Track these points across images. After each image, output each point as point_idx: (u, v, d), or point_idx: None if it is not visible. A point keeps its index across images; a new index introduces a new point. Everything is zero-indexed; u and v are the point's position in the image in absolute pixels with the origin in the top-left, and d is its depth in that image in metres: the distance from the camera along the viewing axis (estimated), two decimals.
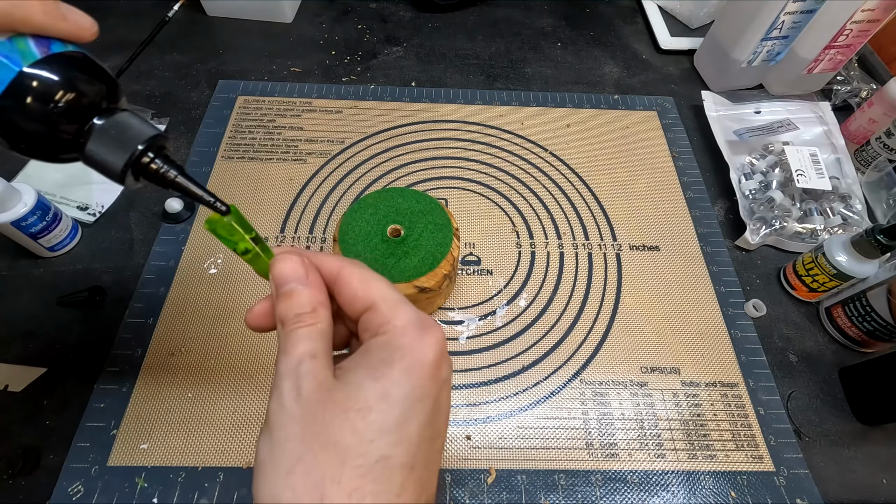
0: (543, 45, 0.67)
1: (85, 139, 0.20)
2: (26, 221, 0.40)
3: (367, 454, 0.17)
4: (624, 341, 0.43)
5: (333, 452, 0.17)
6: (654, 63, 0.66)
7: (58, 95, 0.20)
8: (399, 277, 0.36)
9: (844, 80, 0.62)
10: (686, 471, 0.37)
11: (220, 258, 0.45)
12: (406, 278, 0.36)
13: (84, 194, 0.48)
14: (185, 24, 0.65)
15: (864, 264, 0.41)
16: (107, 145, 0.20)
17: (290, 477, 0.17)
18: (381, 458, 0.18)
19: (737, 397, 0.41)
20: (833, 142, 0.55)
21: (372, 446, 0.17)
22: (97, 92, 0.21)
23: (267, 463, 0.18)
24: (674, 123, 0.59)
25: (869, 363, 0.41)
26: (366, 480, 0.17)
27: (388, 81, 0.61)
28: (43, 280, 0.44)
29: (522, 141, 0.56)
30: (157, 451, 0.36)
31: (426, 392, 0.19)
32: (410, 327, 0.20)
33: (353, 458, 0.17)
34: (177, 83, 0.59)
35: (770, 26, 0.54)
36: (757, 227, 0.48)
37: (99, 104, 0.21)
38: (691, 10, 0.68)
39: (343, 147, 0.54)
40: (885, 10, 0.51)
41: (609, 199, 0.52)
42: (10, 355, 0.40)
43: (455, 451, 0.37)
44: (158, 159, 0.21)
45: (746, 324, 0.44)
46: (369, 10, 0.70)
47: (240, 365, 0.40)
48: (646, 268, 0.47)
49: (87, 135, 0.20)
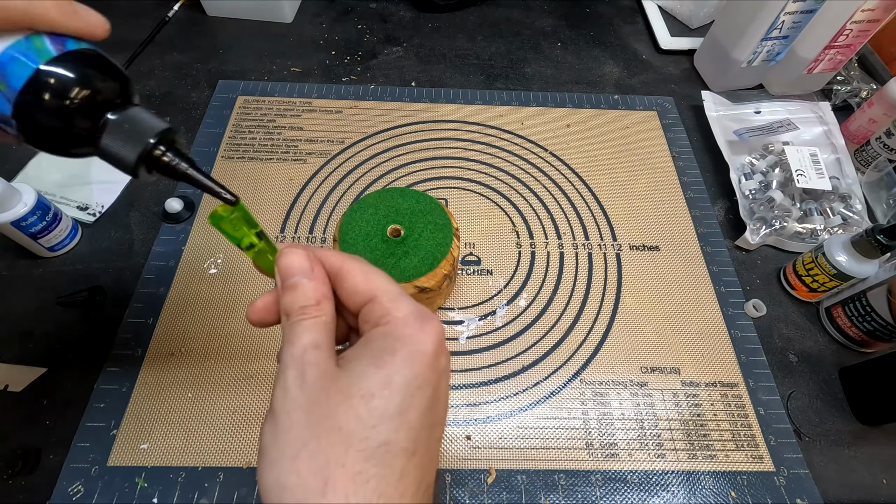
0: (543, 45, 0.67)
1: (99, 134, 0.21)
2: (26, 221, 0.40)
3: (369, 439, 0.18)
4: (624, 341, 0.43)
5: (338, 437, 0.18)
6: (654, 63, 0.66)
7: (73, 92, 0.20)
8: (399, 277, 0.36)
9: (844, 80, 0.62)
10: (686, 471, 0.37)
11: (220, 258, 0.45)
12: (406, 278, 0.36)
13: (84, 194, 0.48)
14: (185, 24, 0.65)
15: (864, 264, 0.41)
16: (120, 139, 0.21)
17: (294, 461, 0.17)
18: (384, 443, 0.18)
19: (737, 397, 0.41)
20: (833, 142, 0.55)
21: (374, 431, 0.18)
22: (111, 88, 0.22)
23: (271, 449, 0.18)
24: (674, 123, 0.59)
25: (869, 363, 0.41)
26: (369, 464, 0.18)
27: (388, 81, 0.61)
28: (43, 280, 0.44)
29: (522, 141, 0.56)
30: (157, 451, 0.36)
31: (426, 380, 0.20)
32: (411, 318, 0.20)
33: (357, 442, 0.18)
34: (177, 83, 0.59)
35: (770, 26, 0.54)
36: (757, 227, 0.48)
37: (112, 100, 0.21)
38: (691, 10, 0.68)
39: (343, 147, 0.54)
40: (885, 10, 0.51)
41: (609, 199, 0.52)
42: (10, 355, 0.40)
43: (455, 451, 0.37)
44: (170, 152, 0.22)
45: (746, 324, 0.44)
46: (369, 10, 0.70)
47: (240, 365, 0.40)
48: (646, 268, 0.47)
49: (102, 129, 0.21)
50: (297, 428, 0.18)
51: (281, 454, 0.18)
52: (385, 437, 0.18)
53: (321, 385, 0.18)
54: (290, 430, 0.18)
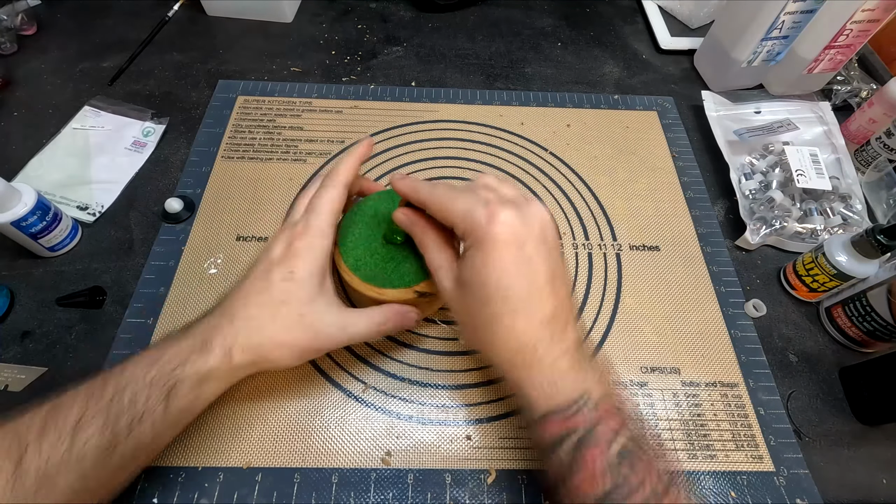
0: (543, 45, 0.67)
1: None
2: (26, 221, 0.40)
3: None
4: (624, 341, 0.43)
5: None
6: (654, 63, 0.66)
7: None
8: (398, 283, 0.36)
9: (844, 80, 0.62)
10: (686, 471, 0.37)
11: (220, 258, 0.45)
12: (405, 283, 0.36)
13: (84, 194, 0.48)
14: (185, 24, 0.65)
15: (864, 264, 0.41)
16: None
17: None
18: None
19: (737, 397, 0.41)
20: (833, 142, 0.55)
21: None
22: None
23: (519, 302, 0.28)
24: (674, 123, 0.59)
25: (869, 363, 0.41)
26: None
27: (388, 81, 0.61)
28: (43, 280, 0.44)
29: (522, 141, 0.56)
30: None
31: (522, 259, 0.28)
32: (478, 230, 0.28)
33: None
34: (177, 83, 0.59)
35: (770, 26, 0.54)
36: (757, 227, 0.48)
37: None
38: (691, 10, 0.68)
39: (343, 147, 0.54)
40: (885, 10, 0.51)
41: (609, 199, 0.52)
42: (10, 355, 0.40)
43: (455, 451, 0.37)
44: None
45: (746, 324, 0.44)
46: (369, 10, 0.70)
47: None
48: (646, 268, 0.47)
49: None
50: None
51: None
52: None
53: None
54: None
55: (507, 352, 0.28)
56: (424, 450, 0.37)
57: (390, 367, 0.41)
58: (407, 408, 0.39)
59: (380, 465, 0.36)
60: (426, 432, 0.38)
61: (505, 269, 0.27)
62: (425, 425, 0.38)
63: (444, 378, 0.40)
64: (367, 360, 0.41)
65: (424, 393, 0.40)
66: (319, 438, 0.37)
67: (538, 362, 0.27)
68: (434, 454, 0.37)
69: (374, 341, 0.42)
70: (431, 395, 0.40)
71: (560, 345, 0.28)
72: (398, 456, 0.37)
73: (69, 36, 0.63)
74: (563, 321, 0.28)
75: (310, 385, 0.39)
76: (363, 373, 0.40)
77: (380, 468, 0.36)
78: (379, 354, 0.41)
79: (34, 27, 0.63)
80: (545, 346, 0.27)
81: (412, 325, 0.36)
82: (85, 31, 0.64)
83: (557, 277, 0.29)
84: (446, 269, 0.31)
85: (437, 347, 0.42)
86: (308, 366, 0.40)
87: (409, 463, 0.36)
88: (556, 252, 0.29)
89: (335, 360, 0.41)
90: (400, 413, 0.39)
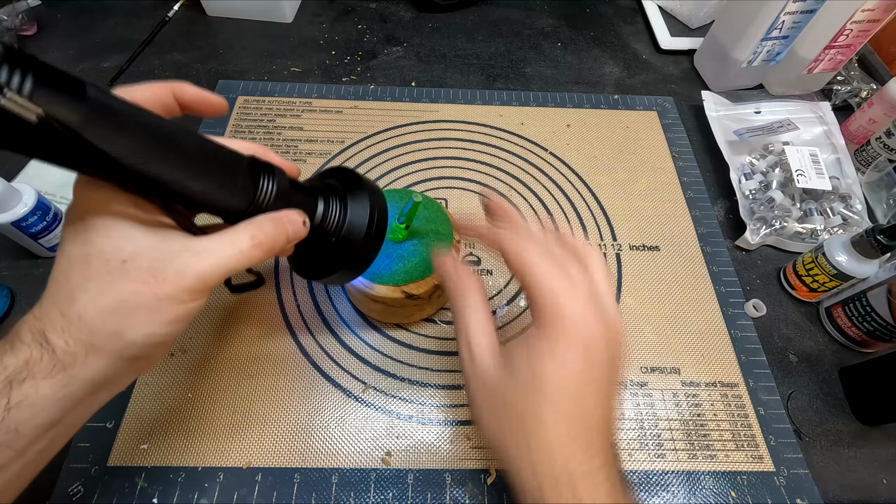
0: (543, 45, 0.67)
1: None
2: (26, 221, 0.40)
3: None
4: (624, 341, 0.43)
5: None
6: (654, 63, 0.66)
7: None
8: (389, 280, 0.36)
9: (844, 80, 0.62)
10: (686, 471, 0.37)
11: None
12: (396, 282, 0.36)
13: None
14: (185, 24, 0.65)
15: (864, 264, 0.41)
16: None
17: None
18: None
19: (737, 397, 0.41)
20: (833, 142, 0.55)
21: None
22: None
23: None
24: (674, 123, 0.59)
25: (869, 363, 0.41)
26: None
27: (388, 81, 0.61)
28: (43, 280, 0.43)
29: (522, 141, 0.56)
30: (157, 451, 0.36)
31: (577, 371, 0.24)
32: (556, 317, 0.24)
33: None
34: None
35: (770, 26, 0.54)
36: (757, 227, 0.48)
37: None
38: (691, 10, 0.68)
39: (343, 147, 0.54)
40: (885, 10, 0.51)
41: (609, 199, 0.52)
42: None
43: (455, 451, 0.37)
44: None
45: (746, 324, 0.44)
46: (369, 10, 0.70)
47: (240, 366, 0.40)
48: (646, 268, 0.47)
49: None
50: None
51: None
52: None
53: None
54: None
55: (532, 451, 0.24)
56: (424, 450, 0.37)
57: (390, 367, 0.41)
58: (407, 408, 0.39)
59: (380, 465, 0.36)
60: (426, 432, 0.38)
61: (566, 366, 0.24)
62: (425, 425, 0.38)
63: (445, 378, 0.40)
64: (367, 360, 0.41)
65: (424, 393, 0.40)
66: (319, 438, 0.37)
67: (568, 475, 0.23)
68: (434, 454, 0.37)
69: (374, 341, 0.42)
70: (431, 395, 0.40)
71: (594, 461, 0.24)
72: (398, 456, 0.37)
73: (69, 36, 0.63)
74: (602, 436, 0.25)
75: (310, 385, 0.39)
76: (363, 373, 0.40)
77: (380, 468, 0.36)
78: (379, 354, 0.41)
79: (34, 27, 0.63)
80: (577, 460, 0.23)
81: (300, 233, 0.26)
82: (85, 32, 0.64)
83: (612, 396, 0.26)
84: (487, 343, 0.26)
85: (437, 347, 0.42)
86: (308, 366, 0.40)
87: (409, 463, 0.36)
88: (617, 364, 0.26)
89: (335, 360, 0.41)
90: (400, 413, 0.39)
